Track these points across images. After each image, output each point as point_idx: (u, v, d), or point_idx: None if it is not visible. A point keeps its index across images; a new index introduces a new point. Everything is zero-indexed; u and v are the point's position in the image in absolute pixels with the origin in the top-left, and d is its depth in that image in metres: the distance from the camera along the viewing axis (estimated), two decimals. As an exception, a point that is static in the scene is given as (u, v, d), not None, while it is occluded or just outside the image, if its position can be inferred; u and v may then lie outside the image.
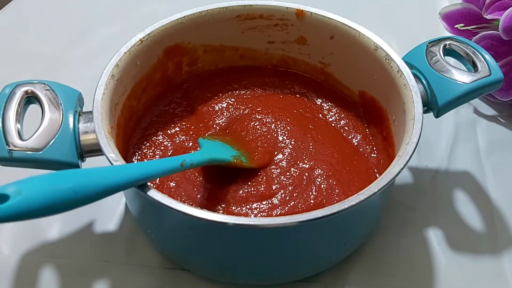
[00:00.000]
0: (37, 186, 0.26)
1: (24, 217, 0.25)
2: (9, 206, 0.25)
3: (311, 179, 0.39)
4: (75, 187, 0.27)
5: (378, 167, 0.41)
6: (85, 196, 0.27)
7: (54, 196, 0.26)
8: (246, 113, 0.44)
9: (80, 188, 0.27)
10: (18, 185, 0.26)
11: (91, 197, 0.28)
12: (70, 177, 0.27)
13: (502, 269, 0.40)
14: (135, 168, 0.31)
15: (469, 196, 0.44)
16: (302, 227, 0.31)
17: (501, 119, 0.51)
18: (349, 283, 0.39)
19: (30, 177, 0.26)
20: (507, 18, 0.46)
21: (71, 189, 0.27)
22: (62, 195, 0.26)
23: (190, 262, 0.38)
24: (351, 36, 0.41)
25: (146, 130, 0.43)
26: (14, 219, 0.25)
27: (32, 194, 0.26)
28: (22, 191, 0.25)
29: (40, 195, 0.26)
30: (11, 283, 0.38)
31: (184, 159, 0.33)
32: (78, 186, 0.27)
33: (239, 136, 0.42)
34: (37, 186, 0.26)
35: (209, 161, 0.36)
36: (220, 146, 0.39)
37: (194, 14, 0.42)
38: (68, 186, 0.27)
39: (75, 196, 0.27)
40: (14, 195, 0.25)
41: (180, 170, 0.33)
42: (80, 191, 0.27)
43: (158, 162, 0.33)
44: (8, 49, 0.58)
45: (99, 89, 0.36)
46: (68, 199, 0.27)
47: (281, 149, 0.41)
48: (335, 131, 0.44)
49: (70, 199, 0.27)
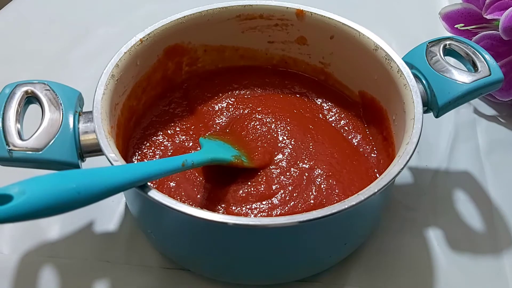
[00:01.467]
0: (40, 186, 0.26)
1: (27, 218, 0.25)
2: (13, 207, 0.25)
3: (311, 179, 0.39)
4: (78, 187, 0.27)
5: (378, 167, 0.41)
6: (88, 196, 0.27)
7: (57, 196, 0.26)
8: (246, 113, 0.44)
9: (83, 188, 0.27)
10: (22, 185, 0.26)
11: (94, 197, 0.28)
12: (73, 177, 0.27)
13: (502, 269, 0.40)
14: (137, 168, 0.31)
15: (469, 196, 0.44)
16: (302, 227, 0.31)
17: (501, 119, 0.51)
18: (349, 283, 0.39)
19: (33, 177, 0.26)
20: (507, 18, 0.46)
21: (74, 189, 0.27)
22: (65, 195, 0.26)
23: (190, 262, 0.38)
24: (351, 36, 0.41)
25: (146, 130, 0.43)
26: (18, 219, 0.25)
27: (36, 195, 0.26)
28: (26, 192, 0.25)
29: (43, 196, 0.26)
30: (11, 283, 0.38)
31: (185, 159, 0.33)
32: (81, 186, 0.27)
33: (239, 136, 0.42)
34: (40, 186, 0.26)
35: (210, 161, 0.36)
36: (221, 146, 0.39)
37: (194, 14, 0.42)
38: (72, 186, 0.27)
39: (79, 196, 0.27)
40: (17, 195, 0.25)
41: (181, 170, 0.33)
42: (83, 191, 0.27)
43: (160, 162, 0.33)
44: (8, 49, 0.58)
45: (99, 89, 0.36)
46: (72, 199, 0.27)
47: (281, 149, 0.41)
48: (335, 131, 0.44)
49: (74, 199, 0.27)
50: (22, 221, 0.25)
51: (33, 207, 0.25)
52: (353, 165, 0.40)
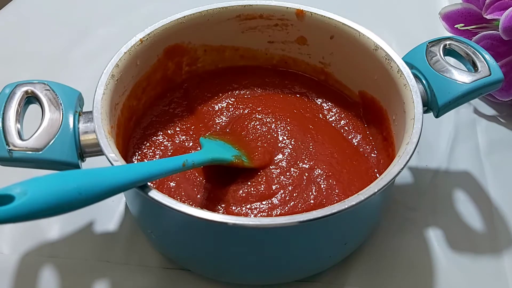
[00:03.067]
0: (42, 187, 0.26)
1: (29, 218, 0.25)
2: (15, 207, 0.25)
3: (311, 179, 0.39)
4: (80, 187, 0.27)
5: (378, 167, 0.41)
6: (90, 196, 0.27)
7: (59, 196, 0.26)
8: (246, 113, 0.44)
9: (84, 188, 0.27)
10: (23, 185, 0.26)
11: (95, 197, 0.28)
12: (75, 177, 0.27)
13: (502, 269, 0.40)
14: (138, 168, 0.31)
15: (469, 196, 0.44)
16: (302, 227, 0.31)
17: (501, 119, 0.51)
18: (349, 283, 0.39)
19: (34, 178, 0.26)
20: (507, 18, 0.46)
21: (76, 189, 0.27)
22: (67, 195, 0.26)
23: (190, 262, 0.38)
24: (351, 36, 0.41)
25: (146, 130, 0.43)
26: (20, 219, 0.25)
27: (37, 195, 0.26)
28: (27, 192, 0.25)
29: (45, 196, 0.26)
30: (11, 283, 0.38)
31: (186, 159, 0.33)
32: (82, 186, 0.27)
33: (239, 136, 0.42)
34: (42, 186, 0.26)
35: (211, 161, 0.36)
36: (222, 145, 0.39)
37: (194, 14, 0.42)
38: (73, 186, 0.27)
39: (80, 196, 0.27)
40: (19, 196, 0.25)
41: (182, 170, 0.33)
42: (85, 191, 0.27)
43: (160, 162, 0.33)
44: (8, 49, 0.58)
45: (99, 89, 0.36)
46: (73, 199, 0.27)
47: (281, 149, 0.41)
48: (335, 131, 0.44)
49: (75, 199, 0.27)
50: (23, 221, 0.25)
51: (34, 207, 0.25)
52: (353, 165, 0.40)
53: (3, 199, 0.25)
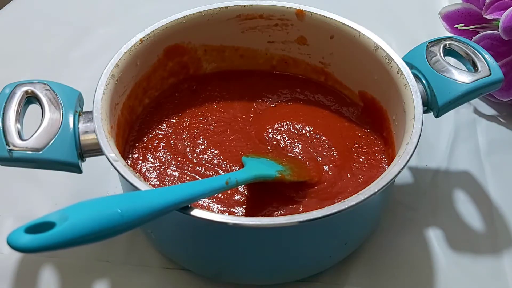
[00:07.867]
0: (83, 211, 0.25)
1: (70, 244, 0.24)
2: (55, 233, 0.24)
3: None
4: (122, 211, 0.26)
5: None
6: (132, 220, 0.27)
7: (101, 220, 0.25)
8: (246, 113, 0.44)
9: (127, 212, 0.26)
10: (64, 211, 0.25)
11: (138, 221, 0.27)
12: (117, 201, 0.27)
13: (502, 269, 0.40)
14: (181, 190, 0.30)
15: (469, 196, 0.44)
16: (302, 227, 0.31)
17: (501, 119, 0.51)
18: (349, 283, 0.39)
19: (76, 203, 0.26)
20: (507, 18, 0.46)
21: (118, 213, 0.26)
22: (109, 219, 0.26)
23: (190, 262, 0.38)
24: (351, 36, 0.41)
25: (146, 130, 0.42)
26: (60, 246, 0.24)
27: (78, 220, 0.25)
28: (68, 217, 0.24)
29: (86, 220, 0.25)
30: (11, 283, 0.38)
31: (229, 177, 0.32)
32: (125, 210, 0.26)
33: (281, 153, 0.41)
34: (83, 211, 0.25)
35: (255, 177, 0.35)
36: (264, 163, 0.38)
37: (194, 14, 0.42)
38: (115, 210, 0.26)
39: (122, 219, 0.26)
40: (60, 221, 0.24)
41: (225, 189, 0.32)
42: (127, 215, 0.26)
43: (203, 182, 0.32)
44: (8, 49, 0.58)
45: (99, 89, 0.36)
46: (115, 223, 0.26)
47: (288, 153, 0.41)
48: (335, 131, 0.43)
49: (117, 223, 0.26)
50: (64, 248, 0.24)
51: (75, 233, 0.24)
52: (354, 166, 0.40)
53: (44, 227, 0.24)
